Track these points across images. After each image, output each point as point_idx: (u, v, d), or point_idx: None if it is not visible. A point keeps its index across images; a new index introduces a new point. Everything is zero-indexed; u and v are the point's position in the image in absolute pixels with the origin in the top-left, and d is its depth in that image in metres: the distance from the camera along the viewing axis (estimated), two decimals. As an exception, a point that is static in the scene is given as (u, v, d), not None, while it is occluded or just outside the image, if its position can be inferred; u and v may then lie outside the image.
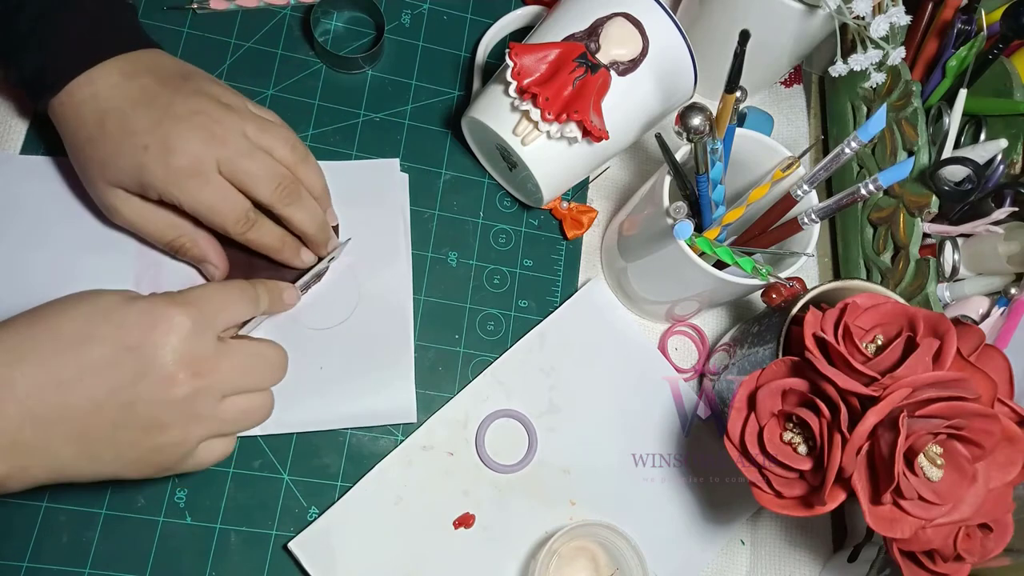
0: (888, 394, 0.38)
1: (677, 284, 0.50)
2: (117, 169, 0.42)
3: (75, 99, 0.42)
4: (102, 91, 0.42)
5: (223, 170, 0.43)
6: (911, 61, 0.59)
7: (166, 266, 0.49)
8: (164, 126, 0.41)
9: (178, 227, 0.46)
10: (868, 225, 0.59)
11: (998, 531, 0.41)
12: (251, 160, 0.43)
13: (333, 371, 0.49)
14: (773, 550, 0.55)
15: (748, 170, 0.51)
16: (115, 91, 0.42)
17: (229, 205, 0.43)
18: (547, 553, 0.47)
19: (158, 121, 0.41)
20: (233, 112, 0.43)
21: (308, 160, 0.47)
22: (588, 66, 0.47)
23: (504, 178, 0.57)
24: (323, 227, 0.48)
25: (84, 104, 0.42)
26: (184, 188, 0.42)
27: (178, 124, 0.42)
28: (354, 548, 0.47)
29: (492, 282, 0.55)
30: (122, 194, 0.44)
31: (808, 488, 0.41)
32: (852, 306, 0.42)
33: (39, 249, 0.48)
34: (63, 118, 0.43)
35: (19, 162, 0.49)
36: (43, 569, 0.44)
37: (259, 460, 0.48)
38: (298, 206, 0.45)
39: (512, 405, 0.52)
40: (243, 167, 0.43)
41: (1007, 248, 0.52)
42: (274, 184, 0.44)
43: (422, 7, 0.60)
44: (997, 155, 0.53)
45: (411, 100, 0.57)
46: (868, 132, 0.40)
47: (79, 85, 0.42)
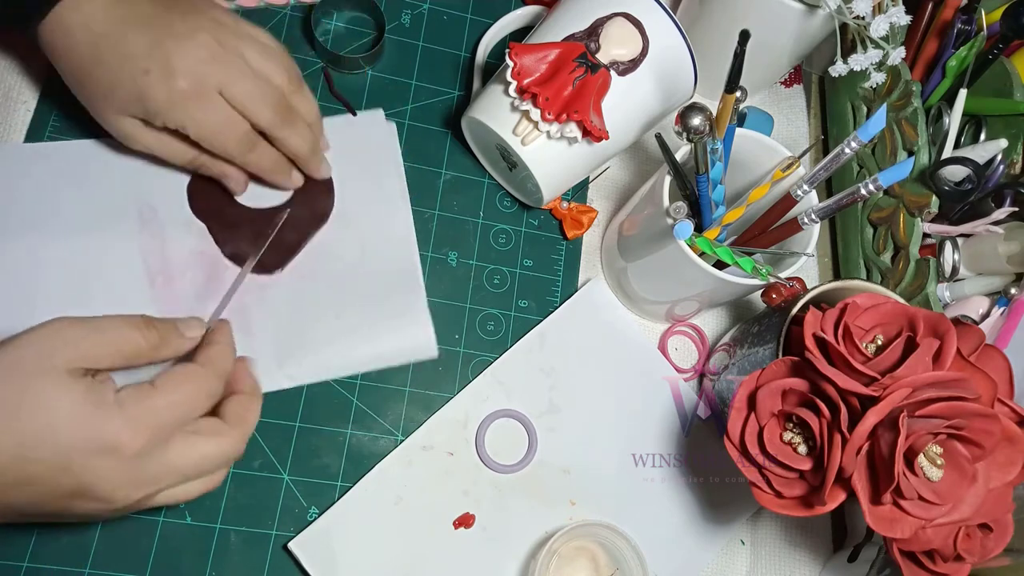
0: (888, 394, 0.38)
1: (677, 284, 0.50)
2: (121, 98, 0.42)
3: (65, 24, 0.41)
4: (92, 15, 0.41)
5: (224, 91, 0.42)
6: (911, 61, 0.59)
7: (169, 240, 0.49)
8: (165, 46, 0.41)
9: (193, 150, 0.46)
10: (868, 225, 0.59)
11: (998, 531, 0.41)
12: (250, 83, 0.43)
13: (349, 318, 0.50)
14: (773, 550, 0.55)
15: (748, 170, 0.51)
16: (106, 13, 0.41)
17: (231, 127, 0.44)
18: (547, 553, 0.47)
19: (157, 41, 0.41)
20: (232, 34, 0.43)
21: (303, 89, 0.47)
22: (588, 66, 0.47)
23: (504, 178, 0.57)
24: (316, 150, 0.49)
25: (75, 30, 0.41)
26: (188, 112, 0.42)
27: (180, 43, 0.41)
28: (354, 548, 0.47)
29: (492, 282, 0.55)
30: (135, 122, 0.44)
31: (808, 488, 0.41)
32: (852, 306, 0.42)
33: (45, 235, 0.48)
34: (55, 48, 0.42)
35: (23, 150, 0.49)
36: (43, 569, 0.44)
37: (259, 460, 0.48)
38: (292, 130, 0.46)
39: (512, 405, 0.52)
40: (244, 89, 0.43)
41: (1007, 248, 0.52)
42: (271, 108, 0.44)
43: (422, 7, 0.60)
44: (997, 155, 0.53)
45: (411, 100, 0.57)
46: (868, 132, 0.40)
47: (67, 9, 0.41)
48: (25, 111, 0.51)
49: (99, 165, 0.49)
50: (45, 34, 0.42)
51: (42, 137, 0.50)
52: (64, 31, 0.41)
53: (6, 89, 0.51)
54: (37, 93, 0.51)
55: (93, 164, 0.50)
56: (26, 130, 0.50)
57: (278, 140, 0.46)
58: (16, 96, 0.51)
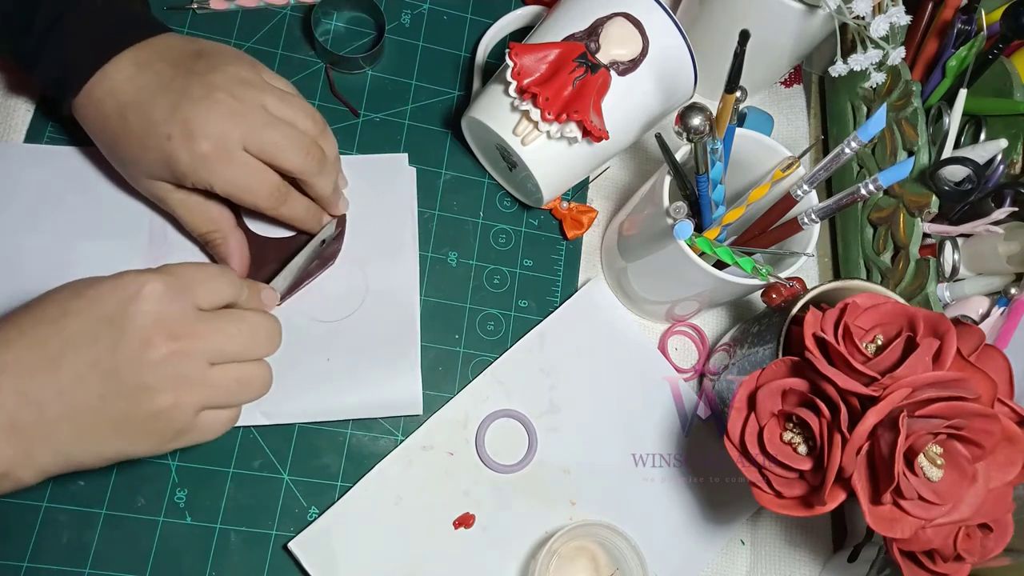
0: (888, 394, 0.38)
1: (677, 284, 0.50)
2: (149, 163, 0.43)
3: (94, 97, 0.42)
4: (118, 85, 0.42)
5: (248, 146, 0.42)
6: (911, 61, 0.59)
7: (172, 254, 0.49)
8: (183, 110, 0.41)
9: (215, 222, 0.47)
10: (868, 225, 0.59)
11: (998, 531, 0.41)
12: (276, 131, 0.43)
13: (340, 362, 0.49)
14: (773, 550, 0.55)
15: (748, 170, 0.51)
16: (131, 83, 0.42)
17: (259, 181, 0.43)
18: (547, 553, 0.47)
19: (175, 106, 0.41)
20: (251, 86, 0.43)
21: (327, 131, 0.47)
22: (588, 66, 0.47)
23: (504, 178, 0.57)
24: (337, 189, 0.49)
25: (103, 101, 0.42)
26: (213, 171, 0.42)
27: (196, 106, 0.41)
28: (354, 548, 0.47)
29: (492, 282, 0.55)
30: (165, 186, 0.44)
31: (808, 488, 0.41)
32: (852, 306, 0.42)
33: (41, 237, 0.48)
34: (87, 118, 0.44)
35: (23, 150, 0.49)
36: (43, 569, 0.44)
37: (259, 460, 0.48)
38: (323, 174, 0.46)
39: (512, 405, 0.52)
40: (269, 139, 0.43)
41: (1007, 248, 0.52)
42: (303, 153, 0.44)
43: (422, 7, 0.60)
44: (997, 155, 0.53)
45: (411, 100, 0.57)
46: (868, 132, 0.40)
47: (96, 83, 0.42)
48: (25, 111, 0.51)
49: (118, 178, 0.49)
50: (78, 107, 0.43)
51: (42, 137, 0.50)
52: (94, 103, 0.43)
53: (6, 89, 0.51)
54: (37, 93, 0.51)
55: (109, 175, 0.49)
56: (26, 130, 0.50)
57: (309, 186, 0.46)
58: (16, 96, 0.51)
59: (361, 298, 0.51)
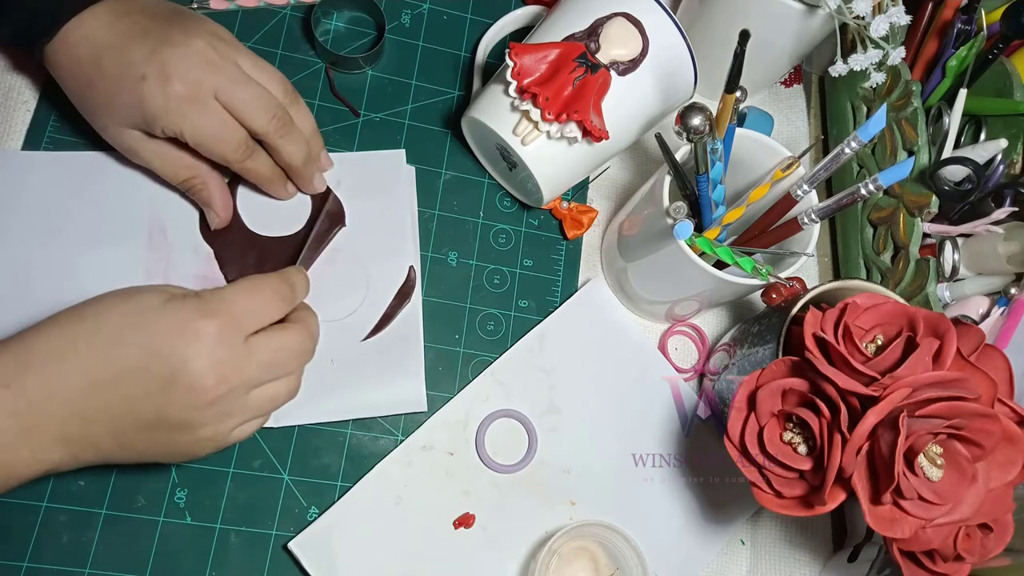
0: (888, 394, 0.38)
1: (677, 284, 0.50)
2: (121, 108, 0.43)
3: (69, 42, 0.43)
4: (95, 31, 0.43)
5: (220, 98, 0.43)
6: (911, 61, 0.59)
7: (174, 260, 0.49)
8: (161, 53, 0.42)
9: (192, 168, 0.47)
10: (868, 225, 0.59)
11: (998, 531, 0.41)
12: (246, 89, 0.44)
13: (344, 363, 0.49)
14: (773, 550, 0.55)
15: (748, 170, 0.51)
16: (108, 29, 0.43)
17: (228, 131, 0.44)
18: (547, 553, 0.47)
19: (154, 50, 0.42)
20: (227, 44, 0.44)
21: (299, 101, 0.48)
22: (588, 66, 0.47)
23: (504, 178, 0.57)
24: (309, 162, 0.49)
25: (79, 45, 0.43)
26: (185, 115, 0.42)
27: (175, 50, 0.42)
28: (354, 548, 0.47)
29: (492, 282, 0.55)
30: (136, 134, 0.45)
31: (808, 488, 0.41)
32: (852, 306, 0.42)
33: (44, 245, 0.48)
34: (59, 64, 0.44)
35: (21, 158, 0.49)
36: (43, 569, 0.44)
37: (259, 460, 0.48)
38: (290, 139, 0.46)
39: (512, 405, 0.52)
40: (240, 95, 0.43)
41: (1007, 248, 0.52)
42: (269, 114, 0.45)
43: (422, 7, 0.60)
44: (997, 155, 0.53)
45: (411, 100, 0.57)
46: (868, 132, 0.40)
47: (72, 28, 0.42)
48: (25, 111, 0.51)
49: (114, 180, 0.49)
50: (50, 52, 0.44)
51: (42, 137, 0.50)
52: (68, 46, 0.43)
53: (6, 89, 0.51)
54: (37, 93, 0.51)
55: (106, 177, 0.49)
56: (26, 130, 0.50)
57: (274, 148, 0.47)
58: (16, 96, 0.51)
59: (362, 297, 0.51)
